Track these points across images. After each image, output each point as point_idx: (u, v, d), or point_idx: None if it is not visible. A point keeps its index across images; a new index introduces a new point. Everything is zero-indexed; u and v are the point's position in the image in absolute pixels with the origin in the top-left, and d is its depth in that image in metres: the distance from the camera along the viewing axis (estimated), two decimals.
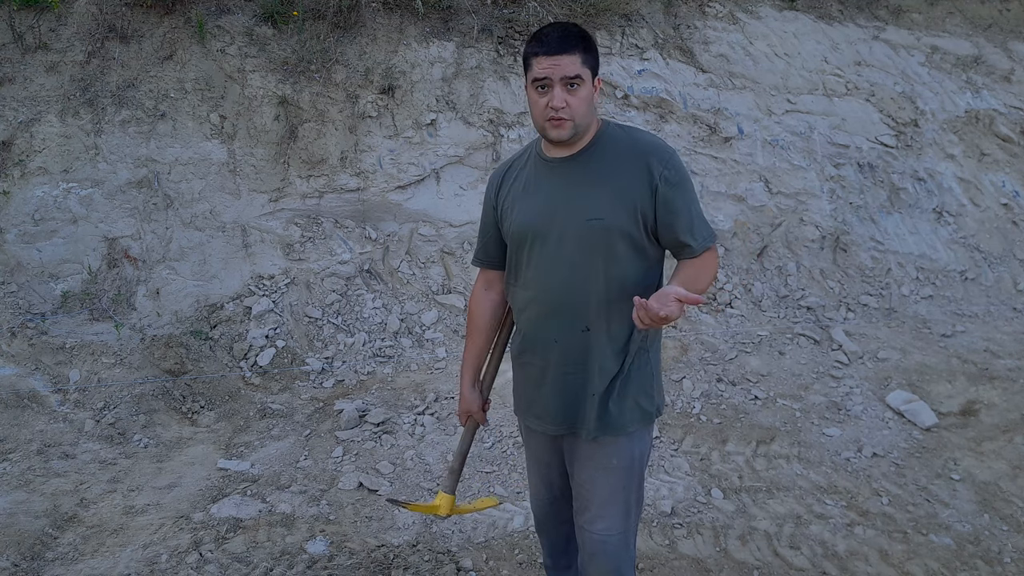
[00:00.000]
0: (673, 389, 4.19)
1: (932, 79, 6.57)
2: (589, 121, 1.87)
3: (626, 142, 1.91)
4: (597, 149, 1.90)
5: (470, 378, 2.21)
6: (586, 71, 1.81)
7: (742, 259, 5.36)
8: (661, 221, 1.87)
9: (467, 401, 2.20)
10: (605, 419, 1.96)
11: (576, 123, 1.83)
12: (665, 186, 1.85)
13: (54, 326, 4.15)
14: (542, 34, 1.82)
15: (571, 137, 1.86)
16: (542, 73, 1.79)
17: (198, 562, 2.83)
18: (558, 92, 1.79)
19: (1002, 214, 6.03)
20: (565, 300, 1.92)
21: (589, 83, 1.83)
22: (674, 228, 1.88)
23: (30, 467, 3.39)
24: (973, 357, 4.61)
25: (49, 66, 4.79)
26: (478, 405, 2.19)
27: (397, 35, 5.42)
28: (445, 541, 3.00)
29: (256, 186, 4.83)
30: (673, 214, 1.86)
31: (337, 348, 4.47)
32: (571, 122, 1.82)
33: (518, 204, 1.99)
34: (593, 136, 1.91)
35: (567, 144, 1.89)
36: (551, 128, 1.84)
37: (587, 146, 1.91)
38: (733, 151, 5.71)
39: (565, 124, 1.82)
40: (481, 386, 2.21)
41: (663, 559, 2.92)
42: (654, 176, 1.85)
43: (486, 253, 2.18)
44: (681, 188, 1.87)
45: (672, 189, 1.85)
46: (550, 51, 1.79)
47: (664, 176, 1.85)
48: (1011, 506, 3.29)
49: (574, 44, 1.80)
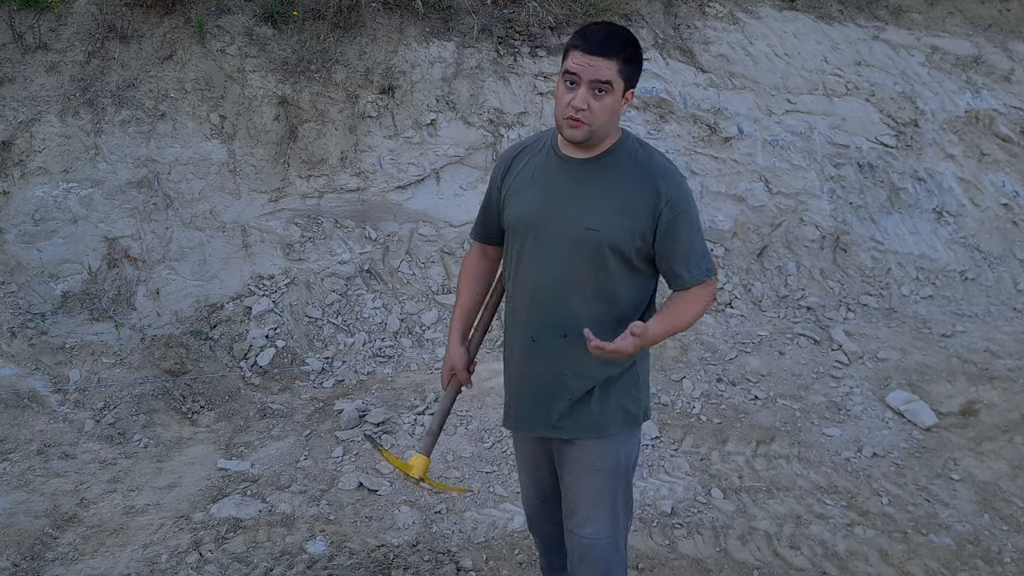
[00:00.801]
0: (673, 389, 4.19)
1: (932, 79, 6.57)
2: (609, 130, 1.83)
3: (641, 160, 1.87)
4: (611, 160, 1.87)
5: (458, 333, 2.15)
6: (619, 80, 1.75)
7: (742, 259, 5.36)
8: (659, 247, 1.85)
9: (452, 356, 2.12)
10: (585, 420, 1.94)
11: (593, 129, 1.78)
12: (669, 212, 1.81)
13: (54, 326, 4.15)
14: (588, 29, 1.76)
15: (584, 141, 1.82)
16: (574, 68, 1.74)
17: (198, 562, 2.83)
18: (583, 93, 1.74)
19: (1002, 214, 6.03)
20: (548, 303, 1.91)
21: (619, 93, 1.77)
22: (670, 256, 1.85)
23: (30, 467, 3.39)
24: (973, 357, 4.61)
25: (49, 66, 4.79)
26: (463, 362, 2.12)
27: (397, 35, 5.42)
28: (445, 541, 3.00)
29: (256, 186, 4.83)
30: (672, 242, 1.84)
31: (337, 348, 4.47)
32: (588, 127, 1.78)
33: (521, 193, 1.96)
34: (611, 146, 1.87)
35: (582, 146, 1.85)
36: (566, 126, 1.79)
37: (602, 154, 1.87)
38: (733, 151, 5.71)
39: (581, 127, 1.78)
40: (468, 344, 2.15)
41: (663, 559, 2.92)
42: (660, 200, 1.81)
43: (484, 228, 2.15)
44: (685, 217, 1.83)
45: (675, 216, 1.82)
46: (589, 49, 1.73)
47: (670, 202, 1.81)
48: (1011, 506, 3.29)
49: (615, 50, 1.73)
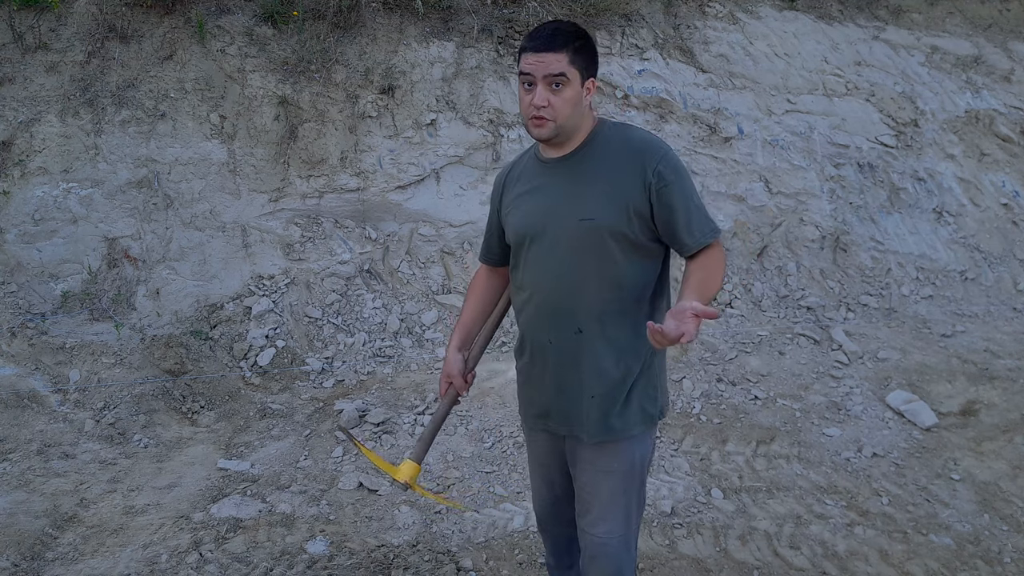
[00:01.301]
0: (673, 389, 4.19)
1: (932, 79, 6.57)
2: (576, 123, 1.85)
3: (619, 140, 1.89)
4: (590, 149, 1.89)
5: (457, 341, 2.17)
6: (573, 71, 1.78)
7: (742, 259, 5.36)
8: (658, 219, 1.85)
9: (450, 363, 2.14)
10: (607, 423, 1.94)
11: (558, 124, 1.80)
12: (659, 183, 1.82)
13: (54, 326, 4.15)
14: (535, 30, 1.81)
15: (552, 137, 1.84)
16: (527, 68, 1.78)
17: (198, 562, 2.83)
18: (540, 91, 1.77)
19: (1002, 214, 6.03)
20: (557, 301, 1.91)
21: (577, 83, 1.79)
22: (671, 225, 1.85)
23: (30, 467, 3.39)
24: (973, 357, 4.61)
25: (49, 66, 4.79)
26: (459, 369, 2.13)
27: (397, 35, 5.42)
28: (445, 541, 3.00)
29: (256, 186, 4.83)
30: (669, 210, 1.83)
31: (337, 348, 4.47)
32: (552, 122, 1.80)
33: (517, 206, 1.99)
34: (587, 136, 1.89)
35: (559, 144, 1.88)
36: (532, 126, 1.82)
37: (580, 146, 1.89)
38: (733, 151, 5.71)
39: (546, 124, 1.80)
40: (467, 354, 2.17)
41: (663, 559, 2.92)
42: (647, 174, 1.82)
43: (488, 249, 2.19)
44: (677, 184, 1.83)
45: (667, 186, 1.82)
46: (537, 47, 1.77)
47: (658, 172, 1.82)
48: (1011, 506, 3.29)
49: (562, 42, 1.77)
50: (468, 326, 2.20)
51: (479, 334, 2.20)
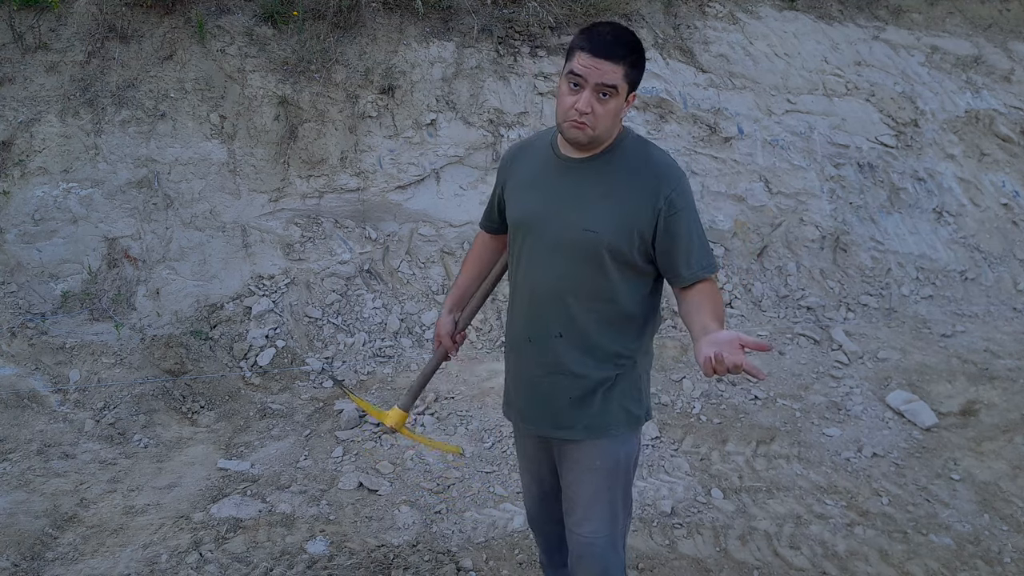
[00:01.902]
0: (673, 389, 4.19)
1: (932, 79, 6.57)
2: (610, 133, 1.82)
3: (640, 158, 1.86)
4: (610, 158, 1.86)
5: (450, 303, 2.26)
6: (624, 84, 1.74)
7: (742, 259, 5.36)
8: (659, 245, 1.83)
9: (440, 324, 2.25)
10: (587, 421, 1.94)
11: (596, 133, 1.78)
12: (669, 210, 1.80)
13: (54, 326, 4.15)
14: (595, 31, 1.74)
15: (587, 143, 1.81)
16: (580, 71, 1.71)
17: (198, 562, 2.83)
18: (587, 96, 1.72)
19: (1002, 214, 6.03)
20: (545, 303, 1.91)
21: (623, 97, 1.76)
22: (670, 254, 1.83)
23: (30, 467, 3.39)
24: (973, 357, 4.61)
25: (49, 66, 4.79)
26: (448, 330, 2.23)
27: (397, 35, 5.42)
28: (445, 541, 3.00)
29: (256, 186, 4.83)
30: (672, 239, 1.82)
31: (337, 348, 4.47)
32: (591, 130, 1.76)
33: (520, 193, 1.97)
34: (610, 144, 1.86)
35: (582, 147, 1.85)
36: (569, 128, 1.78)
37: (602, 152, 1.86)
38: (733, 151, 5.71)
39: (584, 129, 1.76)
40: (459, 316, 2.25)
41: (663, 559, 2.92)
42: (659, 199, 1.80)
43: (488, 218, 2.21)
44: (685, 214, 1.82)
45: (675, 214, 1.80)
46: (596, 52, 1.70)
47: (669, 199, 1.80)
48: (1011, 506, 3.29)
49: (622, 54, 1.71)
50: (462, 289, 2.26)
51: (473, 297, 2.27)
